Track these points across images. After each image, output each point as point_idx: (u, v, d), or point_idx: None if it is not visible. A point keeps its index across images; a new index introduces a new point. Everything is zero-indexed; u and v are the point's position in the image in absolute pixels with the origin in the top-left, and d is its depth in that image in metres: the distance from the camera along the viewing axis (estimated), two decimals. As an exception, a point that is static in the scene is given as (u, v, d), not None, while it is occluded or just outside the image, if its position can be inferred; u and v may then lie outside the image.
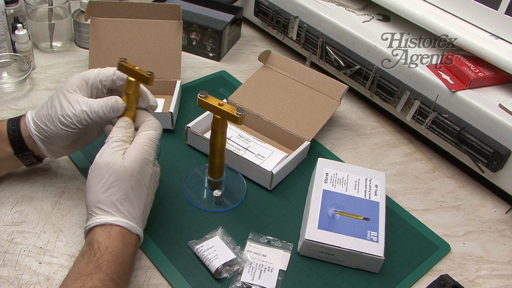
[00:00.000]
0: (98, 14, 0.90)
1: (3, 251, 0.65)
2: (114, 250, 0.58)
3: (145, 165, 0.63)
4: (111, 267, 0.56)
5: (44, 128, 0.67)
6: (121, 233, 0.59)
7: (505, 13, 0.82)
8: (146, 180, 0.63)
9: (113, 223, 0.59)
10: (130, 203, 0.61)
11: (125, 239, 0.59)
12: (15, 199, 0.72)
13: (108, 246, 0.58)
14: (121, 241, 0.59)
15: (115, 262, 0.57)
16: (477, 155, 0.80)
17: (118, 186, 0.60)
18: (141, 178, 0.62)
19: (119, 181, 0.60)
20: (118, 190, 0.60)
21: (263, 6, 1.09)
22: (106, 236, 0.59)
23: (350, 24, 0.96)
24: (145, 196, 0.63)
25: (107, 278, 0.55)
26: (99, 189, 0.61)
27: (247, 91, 0.91)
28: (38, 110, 0.68)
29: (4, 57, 0.94)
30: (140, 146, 0.63)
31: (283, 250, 0.69)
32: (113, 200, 0.60)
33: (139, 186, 0.62)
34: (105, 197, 0.60)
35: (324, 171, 0.76)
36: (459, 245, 0.75)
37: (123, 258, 0.58)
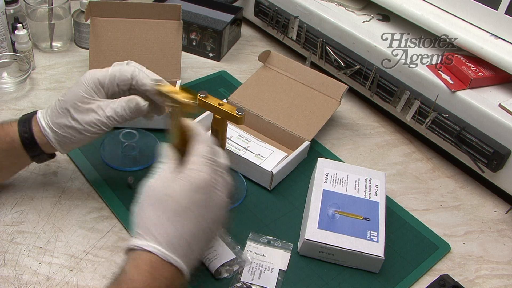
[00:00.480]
0: (98, 14, 0.90)
1: (3, 251, 0.65)
2: (139, 284, 0.50)
3: (192, 190, 0.53)
4: None
5: (67, 136, 0.65)
6: (150, 262, 0.51)
7: (505, 13, 0.82)
8: (194, 205, 0.53)
9: (142, 248, 0.51)
10: (167, 227, 0.52)
11: (154, 271, 0.50)
12: (15, 199, 0.72)
13: (134, 280, 0.50)
14: (149, 273, 0.50)
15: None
16: (477, 155, 0.80)
17: (151, 208, 0.53)
18: (185, 201, 0.53)
19: (153, 202, 0.53)
20: (151, 211, 0.53)
21: (263, 6, 1.09)
22: (133, 265, 0.51)
23: (350, 24, 0.96)
24: (192, 223, 0.53)
25: None
26: (137, 210, 0.55)
27: (247, 91, 0.91)
28: (54, 117, 0.65)
29: (4, 57, 0.94)
30: (189, 166, 0.55)
31: (283, 250, 0.69)
32: (146, 222, 0.53)
33: (185, 211, 0.53)
34: (140, 220, 0.54)
35: (324, 171, 0.76)
36: (459, 245, 0.75)
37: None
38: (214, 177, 0.55)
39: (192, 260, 0.54)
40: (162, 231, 0.52)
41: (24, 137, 0.65)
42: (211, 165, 0.55)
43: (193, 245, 0.53)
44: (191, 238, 0.53)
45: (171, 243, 0.52)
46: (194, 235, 0.53)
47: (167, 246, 0.51)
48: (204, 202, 0.54)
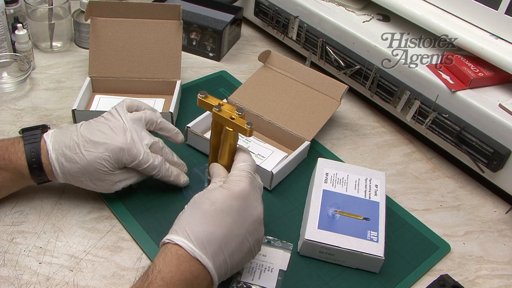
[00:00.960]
0: (98, 14, 0.90)
1: (3, 251, 0.65)
2: (166, 276, 0.52)
3: (232, 197, 0.57)
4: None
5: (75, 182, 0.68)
6: (177, 255, 0.54)
7: (505, 13, 0.82)
8: (229, 209, 0.56)
9: (172, 241, 0.55)
10: (199, 226, 0.55)
11: (180, 264, 0.53)
12: (15, 199, 0.72)
13: (160, 270, 0.53)
14: (176, 266, 0.53)
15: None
16: (477, 155, 0.80)
17: (189, 209, 0.58)
18: (222, 205, 0.56)
19: (192, 204, 0.58)
20: (189, 211, 0.58)
21: (263, 6, 1.09)
22: (162, 257, 0.54)
23: (350, 24, 0.96)
24: (224, 225, 0.56)
25: None
26: (180, 214, 0.59)
27: (247, 91, 0.91)
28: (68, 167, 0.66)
29: (4, 57, 0.94)
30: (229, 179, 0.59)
31: (283, 250, 0.69)
32: (183, 221, 0.57)
33: (220, 213, 0.56)
34: (181, 218, 0.58)
35: (324, 171, 0.76)
36: (459, 245, 0.75)
37: (175, 286, 0.52)
38: (253, 189, 0.59)
39: (221, 263, 0.56)
40: (194, 229, 0.55)
41: (33, 168, 0.66)
42: (250, 178, 0.59)
43: (224, 248, 0.56)
44: (222, 240, 0.55)
45: (200, 241, 0.54)
46: (226, 238, 0.56)
47: (196, 242, 0.54)
48: (240, 209, 0.57)
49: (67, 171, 0.66)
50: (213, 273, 0.55)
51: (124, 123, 0.68)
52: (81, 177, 0.67)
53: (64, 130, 0.68)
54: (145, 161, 0.68)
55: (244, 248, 0.58)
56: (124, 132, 0.67)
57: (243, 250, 0.58)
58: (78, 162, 0.65)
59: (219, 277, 0.57)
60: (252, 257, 0.61)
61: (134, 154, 0.67)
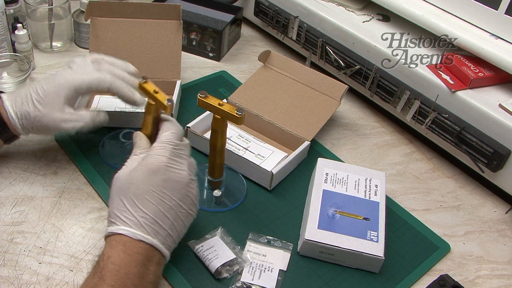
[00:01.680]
0: (98, 14, 0.90)
1: (3, 251, 0.65)
2: (116, 260, 0.55)
3: (151, 173, 0.59)
4: (114, 278, 0.54)
5: (32, 129, 0.71)
6: (121, 241, 0.57)
7: (505, 13, 0.82)
8: (153, 186, 0.59)
9: (114, 232, 0.57)
10: (131, 210, 0.58)
11: (127, 248, 0.56)
12: (15, 199, 0.72)
13: (110, 256, 0.56)
14: (123, 250, 0.56)
15: (118, 272, 0.54)
16: (477, 155, 0.80)
17: (117, 194, 0.60)
18: (145, 184, 0.59)
19: (118, 189, 0.60)
20: (117, 198, 0.59)
21: (263, 6, 1.09)
22: (109, 246, 0.57)
23: (350, 24, 0.96)
24: (154, 202, 0.58)
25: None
26: (109, 201, 0.61)
27: (247, 91, 0.91)
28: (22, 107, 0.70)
29: (4, 57, 0.94)
30: (150, 153, 0.61)
31: (283, 250, 0.69)
32: (114, 210, 0.59)
33: (146, 192, 0.58)
34: (110, 209, 0.60)
35: (324, 171, 0.76)
36: (459, 245, 0.75)
37: (127, 268, 0.55)
38: (174, 158, 0.61)
39: (165, 237, 0.59)
40: (128, 215, 0.58)
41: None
42: (171, 149, 0.61)
43: (163, 224, 0.59)
44: (158, 217, 0.58)
45: (139, 223, 0.57)
46: (161, 213, 0.59)
47: (135, 226, 0.57)
48: (163, 182, 0.59)
49: (20, 113, 0.70)
50: (160, 248, 0.58)
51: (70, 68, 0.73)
52: (33, 117, 0.69)
53: (19, 88, 0.73)
54: (93, 79, 0.71)
55: (181, 215, 0.61)
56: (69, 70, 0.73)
57: (182, 217, 0.61)
58: (29, 101, 0.70)
59: (168, 249, 0.59)
60: (193, 217, 0.63)
61: (80, 78, 0.71)
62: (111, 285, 0.53)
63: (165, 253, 0.59)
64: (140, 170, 0.60)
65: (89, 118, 0.72)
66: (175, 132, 0.64)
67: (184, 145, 0.64)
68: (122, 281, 0.54)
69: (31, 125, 0.71)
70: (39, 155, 0.79)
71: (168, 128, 0.64)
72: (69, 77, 0.71)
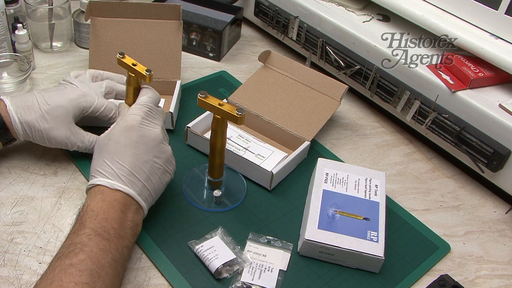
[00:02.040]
0: (98, 14, 0.90)
1: (3, 251, 0.65)
2: (95, 207, 0.60)
3: (127, 130, 0.65)
4: (94, 222, 0.58)
5: (32, 137, 0.73)
6: (100, 190, 0.61)
7: (505, 13, 0.82)
8: (129, 141, 0.64)
9: (93, 184, 0.62)
10: (110, 164, 0.63)
11: (105, 196, 0.61)
12: (15, 199, 0.72)
13: (89, 205, 0.60)
14: (101, 199, 0.60)
15: (96, 217, 0.58)
16: (477, 155, 0.80)
17: (98, 153, 0.65)
18: (122, 140, 0.64)
19: (98, 149, 0.65)
20: (98, 156, 0.65)
21: (263, 6, 1.09)
22: (89, 197, 0.62)
23: (350, 24, 0.96)
24: (130, 156, 0.63)
25: (92, 232, 0.57)
26: (91, 162, 0.66)
27: (247, 91, 0.91)
28: (28, 118, 0.71)
29: (4, 57, 0.94)
30: (124, 115, 0.67)
31: (283, 250, 0.69)
32: (95, 166, 0.64)
33: (123, 147, 0.64)
34: (91, 167, 0.65)
35: (324, 171, 0.76)
36: (459, 245, 0.75)
37: (106, 213, 0.59)
38: (147, 118, 0.66)
39: (141, 188, 0.64)
40: (106, 168, 0.63)
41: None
42: (146, 109, 0.67)
43: (138, 175, 0.63)
44: (133, 169, 0.63)
45: (116, 175, 0.62)
46: (136, 166, 0.63)
47: (112, 177, 0.62)
48: (138, 138, 0.64)
49: (25, 121, 0.71)
50: (136, 197, 0.63)
51: (77, 86, 0.76)
52: (38, 128, 0.72)
53: (22, 94, 0.75)
54: (100, 105, 0.75)
55: (157, 170, 0.66)
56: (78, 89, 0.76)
57: (157, 172, 0.66)
58: (35, 112, 0.72)
59: (145, 200, 0.64)
60: (170, 175, 0.68)
61: (89, 100, 0.75)
62: (90, 228, 0.57)
63: (141, 203, 0.63)
64: (117, 128, 0.65)
65: (93, 144, 0.75)
66: (151, 96, 0.69)
67: (159, 110, 0.70)
68: (102, 224, 0.58)
69: (35, 134, 0.72)
70: (39, 155, 0.79)
71: (145, 93, 0.70)
72: (79, 96, 0.74)
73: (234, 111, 0.64)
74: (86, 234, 0.56)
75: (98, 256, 0.55)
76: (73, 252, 0.54)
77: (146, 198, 0.64)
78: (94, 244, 0.55)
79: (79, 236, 0.56)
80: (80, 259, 0.53)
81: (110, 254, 0.56)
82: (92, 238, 0.56)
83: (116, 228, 0.59)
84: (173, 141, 0.84)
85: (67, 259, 0.53)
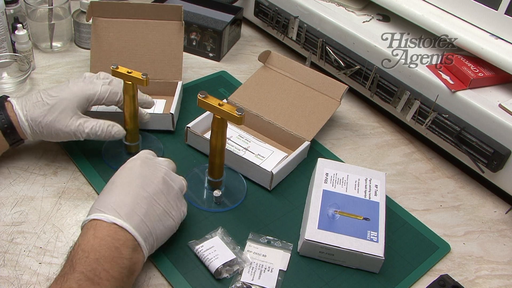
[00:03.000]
0: (99, 15, 0.90)
1: (3, 251, 0.65)
2: (86, 246, 0.55)
3: (127, 169, 0.64)
4: (84, 265, 0.53)
5: (42, 134, 0.73)
6: (92, 226, 0.57)
7: (505, 13, 0.82)
8: (128, 179, 0.62)
9: (87, 220, 0.59)
10: (105, 199, 0.60)
11: (97, 232, 0.56)
12: (15, 199, 0.72)
13: (80, 244, 0.56)
14: (93, 235, 0.56)
15: (87, 258, 0.54)
16: (477, 155, 0.80)
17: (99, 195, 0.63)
18: (120, 179, 0.63)
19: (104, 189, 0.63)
20: (98, 197, 0.62)
21: (263, 6, 1.09)
22: (81, 234, 0.58)
23: (350, 24, 0.96)
24: (128, 193, 0.60)
25: (82, 277, 0.53)
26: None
27: (247, 91, 0.91)
28: (34, 114, 0.71)
29: (4, 57, 0.94)
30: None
31: (283, 250, 0.69)
32: (93, 206, 0.61)
33: (120, 184, 0.62)
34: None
35: (324, 171, 0.76)
36: (459, 245, 0.75)
37: (97, 253, 0.54)
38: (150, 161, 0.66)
39: (138, 223, 0.59)
40: (103, 203, 0.60)
41: (4, 128, 0.71)
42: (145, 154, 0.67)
43: (137, 210, 0.59)
44: (131, 203, 0.59)
45: (111, 208, 0.59)
46: (135, 201, 0.60)
47: (108, 210, 0.58)
48: (141, 176, 0.62)
49: (31, 117, 0.71)
50: (133, 232, 0.58)
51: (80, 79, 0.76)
52: (45, 122, 0.71)
53: (28, 95, 0.74)
54: (104, 90, 0.74)
55: (156, 209, 0.62)
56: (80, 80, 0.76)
57: (156, 211, 0.62)
58: (40, 107, 0.71)
59: (144, 239, 0.59)
60: (173, 221, 0.64)
61: (93, 87, 0.74)
62: (81, 272, 0.53)
63: (138, 239, 0.58)
64: (118, 172, 0.64)
65: (103, 130, 0.74)
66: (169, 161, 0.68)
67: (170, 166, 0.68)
68: (92, 267, 0.53)
69: (42, 130, 0.72)
70: (39, 155, 0.79)
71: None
72: (82, 86, 0.74)
73: (234, 111, 0.64)
74: (75, 279, 0.52)
75: None
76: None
77: (145, 237, 0.59)
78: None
79: (68, 280, 0.52)
80: None
81: None
82: (81, 284, 0.52)
83: (108, 269, 0.54)
84: (173, 141, 0.84)
85: None
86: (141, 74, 0.71)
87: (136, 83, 0.71)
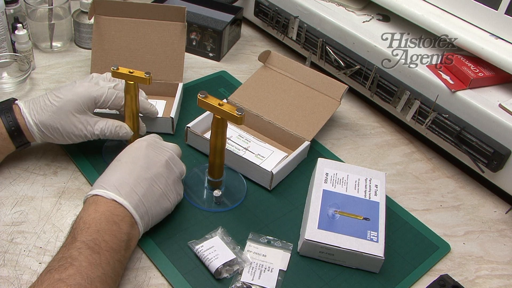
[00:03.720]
0: (102, 13, 0.90)
1: (3, 251, 0.65)
2: (87, 219, 0.59)
3: (132, 150, 0.67)
4: (85, 235, 0.57)
5: (50, 137, 0.73)
6: (94, 201, 0.61)
7: (505, 13, 0.82)
8: (131, 159, 0.66)
9: (89, 194, 0.63)
10: (108, 176, 0.64)
11: (98, 206, 0.60)
12: (15, 199, 0.72)
13: (82, 217, 0.60)
14: (94, 209, 0.60)
15: (88, 229, 0.58)
16: (477, 155, 0.80)
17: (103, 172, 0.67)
18: (124, 158, 0.66)
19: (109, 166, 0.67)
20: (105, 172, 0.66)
21: (263, 6, 1.09)
22: (83, 208, 0.62)
23: (350, 24, 0.96)
24: (130, 171, 0.64)
25: (82, 245, 0.56)
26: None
27: (247, 91, 0.91)
28: (41, 117, 0.71)
29: (4, 57, 0.94)
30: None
31: (283, 250, 0.69)
32: (96, 181, 0.65)
33: (124, 163, 0.65)
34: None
35: (324, 171, 0.76)
36: (459, 245, 0.75)
37: (98, 225, 0.58)
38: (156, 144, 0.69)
39: (137, 202, 0.63)
40: (105, 180, 0.64)
41: (11, 130, 0.71)
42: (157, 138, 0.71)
43: (136, 189, 0.63)
44: (132, 183, 0.63)
45: (113, 185, 0.62)
46: (135, 181, 0.64)
47: (109, 187, 0.62)
48: (144, 158, 0.66)
49: (40, 121, 0.71)
50: (130, 209, 0.62)
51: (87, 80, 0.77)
52: (54, 125, 0.71)
53: (35, 97, 0.74)
54: (111, 94, 0.74)
55: (155, 190, 0.65)
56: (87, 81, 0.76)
57: (155, 192, 0.65)
58: (48, 110, 0.71)
59: (140, 217, 0.63)
60: (170, 203, 0.68)
61: (100, 89, 0.74)
62: (82, 241, 0.56)
63: (135, 217, 0.62)
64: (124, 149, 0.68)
65: (111, 132, 0.75)
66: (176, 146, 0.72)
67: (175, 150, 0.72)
68: (93, 237, 0.57)
69: (53, 133, 0.72)
70: (39, 155, 0.79)
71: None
72: (88, 87, 0.74)
73: (234, 111, 0.64)
74: (76, 247, 0.55)
75: (87, 270, 0.54)
76: (63, 266, 0.54)
77: (142, 215, 0.63)
78: (84, 258, 0.55)
79: (69, 249, 0.55)
80: (69, 274, 0.53)
81: (101, 268, 0.55)
82: (82, 252, 0.55)
83: (108, 240, 0.58)
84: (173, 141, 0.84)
85: (56, 274, 0.53)
86: (144, 72, 0.71)
87: (139, 82, 0.71)
